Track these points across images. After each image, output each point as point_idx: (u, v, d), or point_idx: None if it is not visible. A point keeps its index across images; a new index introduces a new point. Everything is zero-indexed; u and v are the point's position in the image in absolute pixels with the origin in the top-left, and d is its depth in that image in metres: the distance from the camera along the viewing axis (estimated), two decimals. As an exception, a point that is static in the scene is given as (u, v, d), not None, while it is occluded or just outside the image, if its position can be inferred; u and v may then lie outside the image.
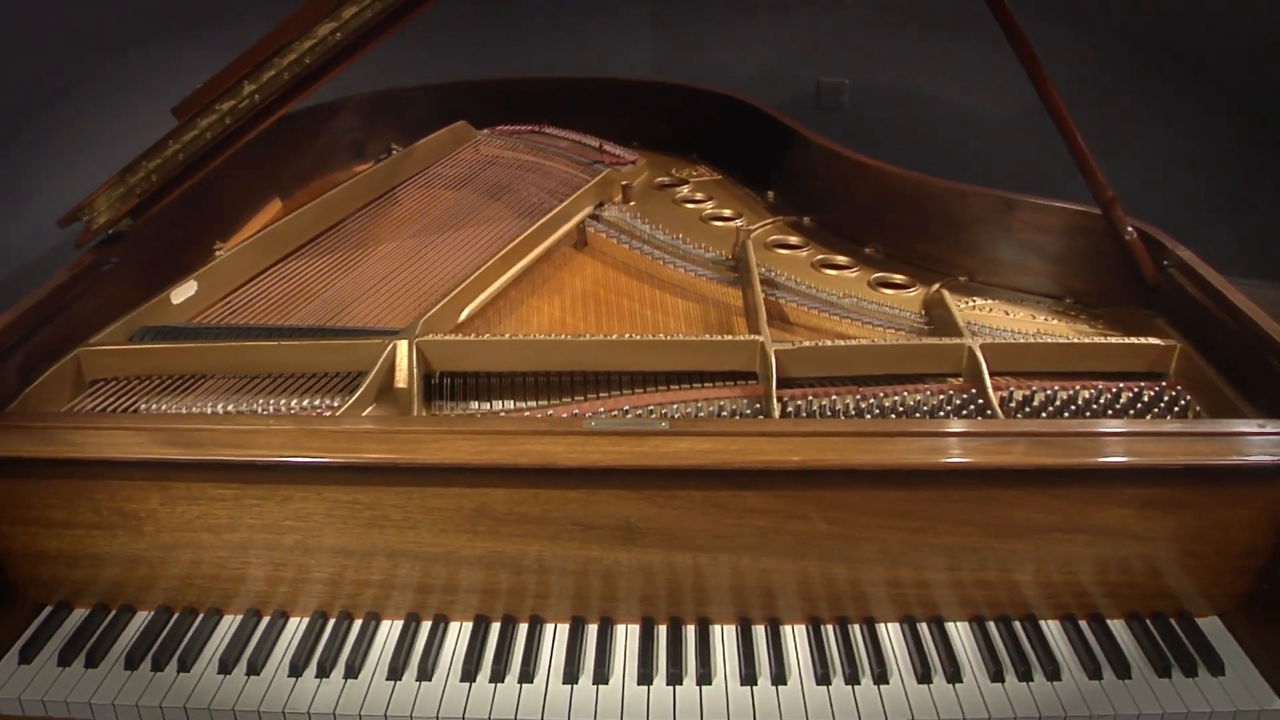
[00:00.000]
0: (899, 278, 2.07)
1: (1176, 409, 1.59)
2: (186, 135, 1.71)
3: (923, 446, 1.37)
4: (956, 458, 1.36)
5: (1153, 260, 1.83)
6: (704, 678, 1.36)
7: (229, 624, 1.45)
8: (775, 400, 1.56)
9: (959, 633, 1.44)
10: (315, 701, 1.33)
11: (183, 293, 1.82)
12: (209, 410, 1.57)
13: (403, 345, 1.64)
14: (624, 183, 2.44)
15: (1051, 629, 1.44)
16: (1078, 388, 1.63)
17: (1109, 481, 1.38)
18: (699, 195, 2.50)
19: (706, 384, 1.67)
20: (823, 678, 1.35)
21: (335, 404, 1.57)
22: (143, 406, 1.59)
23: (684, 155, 2.78)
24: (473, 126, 2.71)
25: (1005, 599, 1.45)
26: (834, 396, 1.60)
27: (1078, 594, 1.45)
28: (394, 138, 2.71)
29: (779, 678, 1.36)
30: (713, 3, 4.51)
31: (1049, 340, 1.71)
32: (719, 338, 1.68)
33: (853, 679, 1.35)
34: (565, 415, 1.56)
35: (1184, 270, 1.76)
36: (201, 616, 1.45)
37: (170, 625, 1.44)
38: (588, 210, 2.29)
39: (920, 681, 1.36)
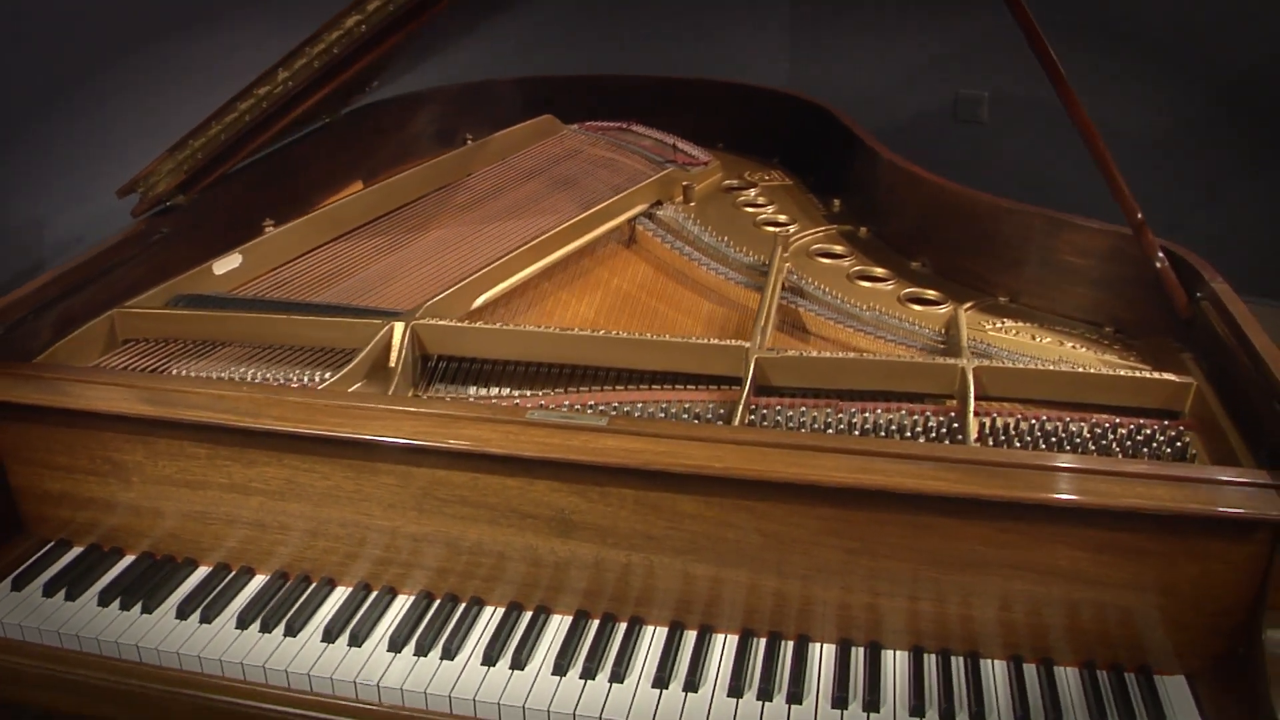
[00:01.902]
0: (932, 294, 2.00)
1: (1170, 450, 1.48)
2: (228, 116, 1.83)
3: (852, 465, 1.33)
4: (882, 479, 1.31)
5: (1186, 290, 1.71)
6: (617, 676, 1.36)
7: (199, 575, 1.55)
8: (744, 407, 1.55)
9: (893, 662, 1.39)
10: (250, 654, 1.41)
11: (226, 264, 1.94)
12: (220, 375, 1.67)
13: (399, 326, 1.70)
14: (685, 183, 2.45)
15: (993, 669, 1.38)
16: (1068, 419, 1.55)
17: (1058, 520, 1.31)
18: (761, 200, 2.47)
19: (690, 386, 1.67)
20: (734, 690, 1.34)
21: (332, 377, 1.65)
22: (162, 367, 1.70)
23: (765, 159, 2.75)
24: (560, 120, 2.76)
25: (947, 632, 1.39)
26: (804, 408, 1.58)
27: (1027, 635, 1.38)
28: (483, 129, 2.79)
29: (691, 685, 1.35)
30: (852, 14, 4.46)
31: (1052, 368, 1.62)
32: (705, 341, 1.68)
33: (765, 695, 1.33)
34: (537, 405, 1.59)
35: (1215, 304, 1.64)
36: (175, 565, 1.56)
37: (145, 570, 1.55)
38: (641, 208, 2.31)
39: (834, 706, 1.32)
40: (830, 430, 1.53)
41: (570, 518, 1.42)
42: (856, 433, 1.53)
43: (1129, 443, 1.50)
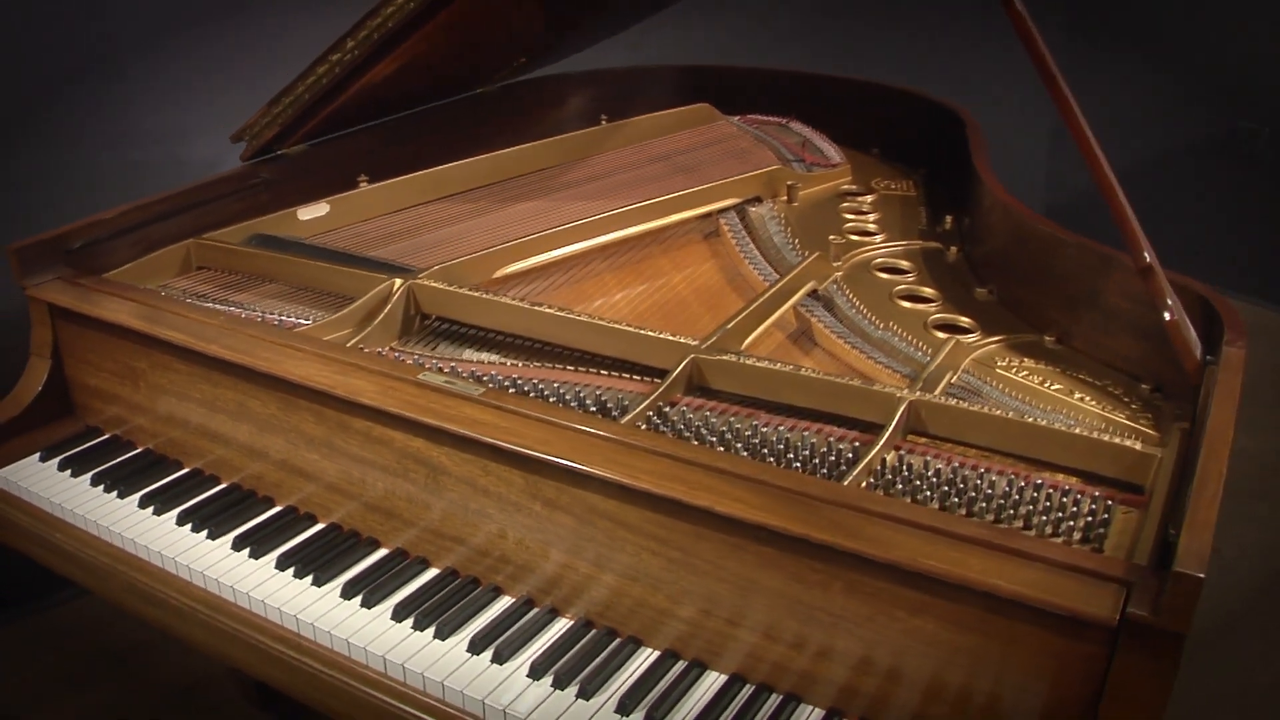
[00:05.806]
0: (965, 321, 1.84)
1: (1082, 525, 1.30)
2: (309, 79, 2.03)
3: (664, 469, 1.29)
4: (682, 489, 1.26)
5: (1203, 350, 1.47)
6: (442, 633, 1.41)
7: (174, 475, 1.75)
8: (650, 402, 1.53)
9: (707, 684, 1.33)
10: (170, 547, 1.59)
11: (311, 212, 2.15)
12: (257, 308, 1.88)
13: (398, 283, 1.83)
14: (791, 183, 2.39)
15: (806, 717, 1.29)
16: (985, 469, 1.39)
17: (867, 570, 1.20)
18: (866, 207, 2.36)
19: (636, 377, 1.67)
20: (534, 672, 1.35)
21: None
22: (213, 294, 1.94)
23: (911, 169, 2.61)
24: (716, 109, 2.76)
25: (771, 667, 1.31)
26: (708, 413, 1.53)
27: (848, 689, 1.27)
28: (641, 113, 2.85)
29: (500, 657, 1.37)
30: (1127, 33, 4.09)
31: (998, 414, 1.46)
32: (653, 334, 1.66)
33: (559, 684, 1.33)
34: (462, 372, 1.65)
35: (1215, 371, 1.40)
36: (165, 465, 1.78)
37: (140, 465, 1.78)
38: (729, 202, 2.29)
39: (618, 711, 1.29)
40: (716, 442, 1.48)
41: (439, 479, 1.48)
42: (743, 449, 1.46)
43: (1039, 507, 1.33)
